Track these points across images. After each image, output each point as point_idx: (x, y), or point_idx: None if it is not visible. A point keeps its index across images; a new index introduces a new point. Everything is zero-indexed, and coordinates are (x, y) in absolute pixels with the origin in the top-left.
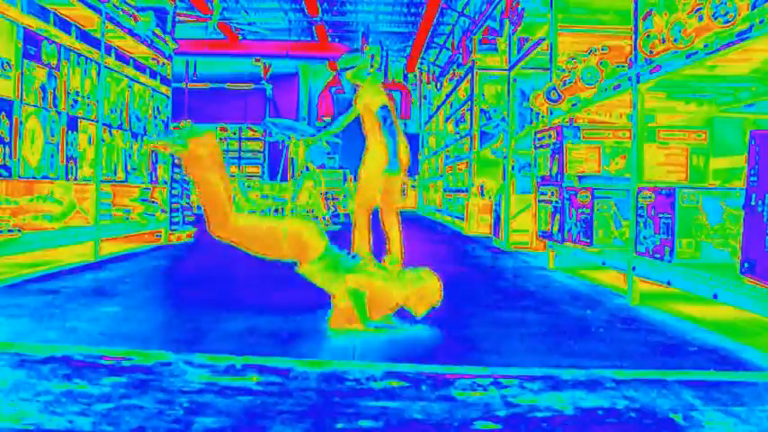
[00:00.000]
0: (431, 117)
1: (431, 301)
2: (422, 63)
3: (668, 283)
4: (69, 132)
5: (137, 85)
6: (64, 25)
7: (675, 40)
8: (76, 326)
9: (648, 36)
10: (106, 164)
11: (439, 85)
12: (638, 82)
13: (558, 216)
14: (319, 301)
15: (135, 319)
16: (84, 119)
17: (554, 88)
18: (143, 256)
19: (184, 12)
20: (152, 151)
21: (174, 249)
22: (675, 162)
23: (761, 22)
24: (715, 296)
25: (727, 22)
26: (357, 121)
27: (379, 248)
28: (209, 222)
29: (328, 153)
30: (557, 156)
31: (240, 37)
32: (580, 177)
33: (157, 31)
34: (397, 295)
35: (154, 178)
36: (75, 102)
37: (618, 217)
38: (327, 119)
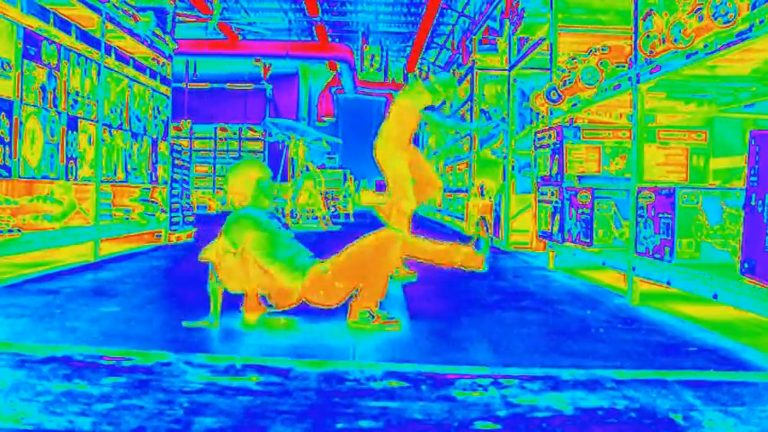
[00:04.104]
0: None
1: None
2: (422, 63)
3: (668, 283)
4: (69, 132)
5: (137, 85)
6: (64, 25)
7: (675, 40)
8: (76, 326)
9: (648, 36)
10: (106, 164)
11: None
12: (638, 82)
13: (558, 216)
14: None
15: (135, 319)
16: (84, 119)
17: (554, 88)
18: (143, 256)
19: (184, 12)
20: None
21: (174, 249)
22: (675, 162)
23: (761, 22)
24: (715, 296)
25: (727, 22)
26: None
27: None
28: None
29: (328, 153)
30: (557, 156)
31: (240, 37)
32: (580, 177)
33: (157, 31)
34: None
35: (154, 178)
36: (75, 102)
37: (618, 217)
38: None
